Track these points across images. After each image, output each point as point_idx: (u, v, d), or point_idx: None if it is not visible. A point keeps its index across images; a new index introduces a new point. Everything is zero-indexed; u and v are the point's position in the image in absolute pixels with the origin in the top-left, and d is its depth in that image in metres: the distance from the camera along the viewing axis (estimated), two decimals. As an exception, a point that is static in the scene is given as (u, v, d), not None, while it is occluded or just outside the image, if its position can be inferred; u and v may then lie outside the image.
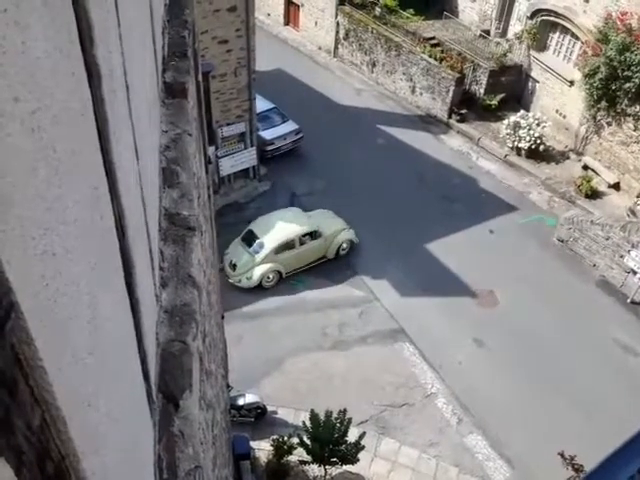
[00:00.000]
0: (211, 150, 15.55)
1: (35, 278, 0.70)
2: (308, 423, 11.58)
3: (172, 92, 3.31)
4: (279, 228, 15.91)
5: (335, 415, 11.62)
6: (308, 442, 11.54)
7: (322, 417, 11.61)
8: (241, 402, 12.98)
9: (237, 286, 15.83)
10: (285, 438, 12.27)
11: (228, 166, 18.48)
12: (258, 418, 13.34)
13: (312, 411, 11.68)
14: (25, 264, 0.66)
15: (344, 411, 11.67)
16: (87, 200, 0.96)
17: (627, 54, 17.82)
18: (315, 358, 14.68)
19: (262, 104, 19.82)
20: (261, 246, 15.77)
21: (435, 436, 13.45)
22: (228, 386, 9.52)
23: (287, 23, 29.04)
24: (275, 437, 12.46)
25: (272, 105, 20.87)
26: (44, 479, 0.73)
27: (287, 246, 15.88)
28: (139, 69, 1.85)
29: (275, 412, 13.72)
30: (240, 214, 18.50)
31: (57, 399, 0.74)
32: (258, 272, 15.70)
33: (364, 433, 11.82)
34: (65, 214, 0.80)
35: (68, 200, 0.82)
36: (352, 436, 11.70)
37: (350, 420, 11.62)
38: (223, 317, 8.34)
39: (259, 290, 15.97)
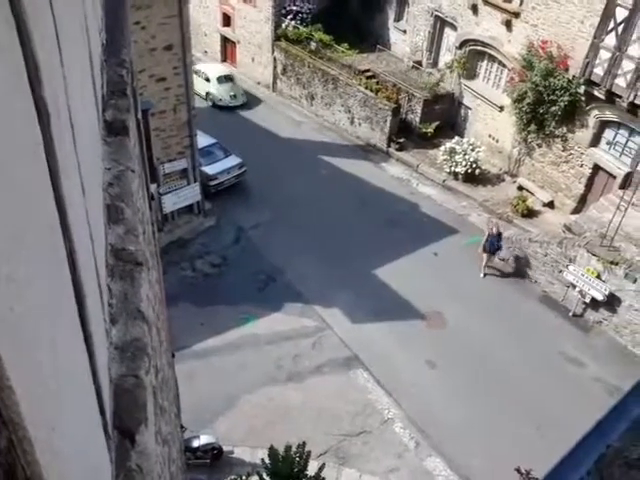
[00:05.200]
0: (153, 187, 15.41)
1: (1, 301, 0.73)
2: (267, 459, 11.38)
3: (113, 130, 3.33)
4: (222, 70, 26.67)
5: (294, 449, 11.47)
6: (267, 479, 11.32)
7: (281, 452, 11.44)
8: (196, 444, 12.64)
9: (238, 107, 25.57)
10: (243, 477, 11.99)
11: (171, 203, 18.33)
12: (214, 459, 13.00)
13: (271, 446, 11.49)
14: (-10, 288, 0.70)
15: (303, 444, 11.52)
16: (43, 232, 0.99)
17: (551, 79, 18.85)
18: (270, 392, 14.52)
19: (203, 140, 19.85)
20: (231, 77, 26.22)
21: (394, 462, 13.45)
22: (182, 427, 9.30)
23: (224, 60, 29.39)
24: (233, 477, 12.16)
25: (214, 140, 20.94)
26: (11, 501, 0.75)
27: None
28: (81, 108, 1.88)
29: (232, 452, 13.40)
30: (185, 250, 18.33)
31: (24, 419, 0.76)
32: (241, 90, 26.28)
33: (324, 465, 11.67)
34: (25, 243, 0.84)
35: (27, 230, 0.86)
36: (312, 469, 11.55)
37: (309, 453, 11.48)
38: (174, 355, 8.19)
39: (210, 328, 15.72)
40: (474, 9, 21.41)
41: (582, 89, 18.37)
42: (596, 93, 18.01)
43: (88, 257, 1.61)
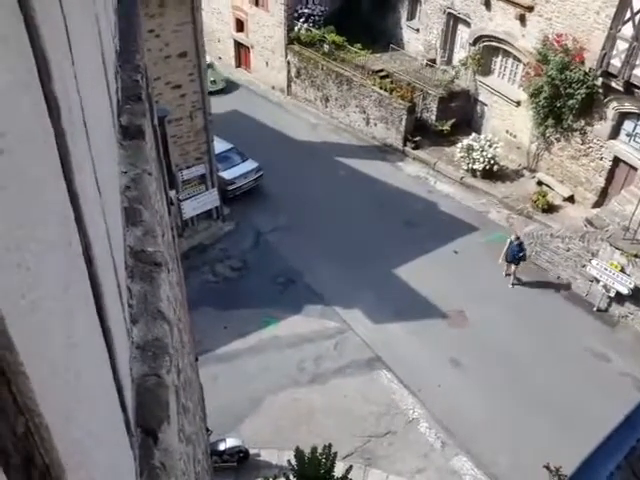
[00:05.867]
0: (172, 194, 15.56)
1: (12, 287, 0.73)
2: (293, 461, 11.38)
3: (129, 134, 3.36)
4: None
5: (320, 450, 11.45)
6: (294, 480, 11.32)
7: (307, 453, 11.42)
8: (222, 447, 12.70)
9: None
10: (270, 480, 12.01)
11: (190, 209, 18.47)
12: (241, 462, 13.05)
13: (297, 448, 11.49)
14: (2, 273, 0.70)
15: (329, 446, 11.49)
16: (56, 224, 1.00)
17: (567, 72, 18.65)
18: (294, 394, 14.54)
19: (220, 145, 19.98)
20: (210, 64, 25.39)
21: (421, 462, 13.37)
22: (207, 430, 9.34)
23: (239, 65, 29.54)
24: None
25: (230, 145, 21.07)
26: (31, 487, 0.76)
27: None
28: (95, 108, 1.90)
29: (258, 454, 13.45)
30: (206, 255, 18.45)
31: (40, 406, 0.77)
32: (221, 76, 27.86)
33: (351, 467, 11.63)
34: (36, 233, 0.85)
35: (38, 220, 0.87)
36: (338, 470, 11.53)
37: (335, 454, 11.46)
38: (197, 359, 8.24)
39: (232, 331, 15.82)
40: (487, 4, 21.26)
41: (599, 81, 18.14)
42: (614, 85, 17.76)
43: (105, 254, 1.62)
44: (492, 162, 20.87)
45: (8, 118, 0.77)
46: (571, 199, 20.33)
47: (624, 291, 15.52)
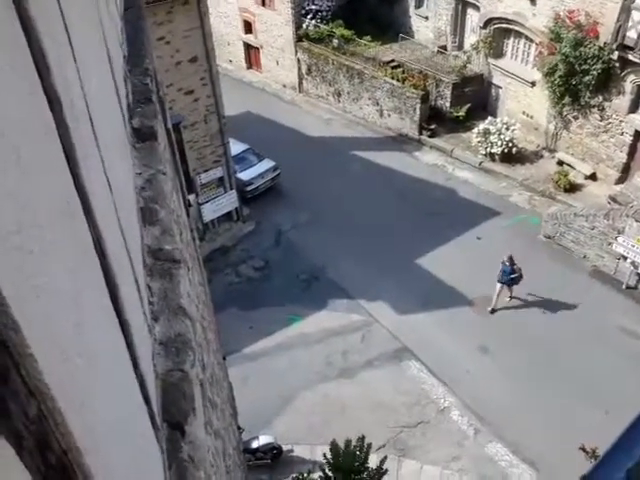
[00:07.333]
0: (191, 198, 15.69)
1: (14, 269, 0.74)
2: (328, 454, 11.40)
3: (141, 136, 3.38)
4: None
5: (354, 443, 11.46)
6: (330, 474, 11.34)
7: (341, 446, 11.44)
8: (255, 445, 12.78)
9: None
10: (305, 475, 12.04)
11: (210, 212, 18.60)
12: (275, 459, 13.12)
13: (333, 441, 11.50)
14: (3, 254, 0.71)
15: (362, 438, 11.50)
16: (60, 211, 1.01)
17: (581, 49, 18.33)
18: (324, 389, 14.56)
19: (236, 147, 20.06)
20: None
21: (455, 450, 13.30)
22: (239, 428, 9.40)
23: (250, 67, 29.60)
24: (295, 475, 12.24)
25: (246, 146, 21.14)
26: (48, 469, 0.76)
27: None
28: (102, 107, 1.91)
29: (291, 450, 13.51)
30: (228, 257, 18.55)
31: (51, 389, 0.77)
32: None
33: (385, 457, 11.62)
34: (38, 218, 0.85)
35: (40, 205, 0.87)
36: (372, 462, 11.53)
37: (370, 446, 11.46)
38: (225, 358, 8.29)
39: (258, 331, 15.90)
40: (495, -14, 20.98)
41: (615, 55, 17.78)
42: (631, 57, 17.40)
43: (119, 248, 1.63)
44: (510, 145, 20.62)
45: (2, 105, 0.77)
46: (593, 177, 20.00)
47: (653, 267, 15.25)
